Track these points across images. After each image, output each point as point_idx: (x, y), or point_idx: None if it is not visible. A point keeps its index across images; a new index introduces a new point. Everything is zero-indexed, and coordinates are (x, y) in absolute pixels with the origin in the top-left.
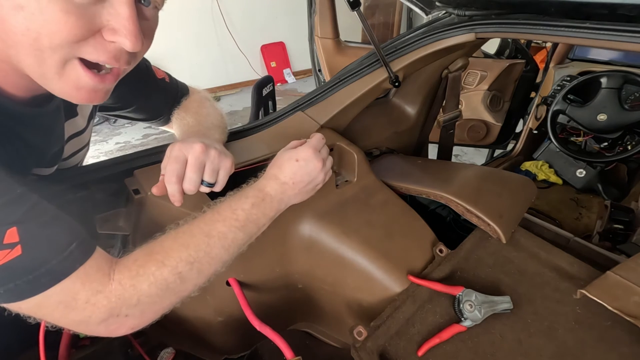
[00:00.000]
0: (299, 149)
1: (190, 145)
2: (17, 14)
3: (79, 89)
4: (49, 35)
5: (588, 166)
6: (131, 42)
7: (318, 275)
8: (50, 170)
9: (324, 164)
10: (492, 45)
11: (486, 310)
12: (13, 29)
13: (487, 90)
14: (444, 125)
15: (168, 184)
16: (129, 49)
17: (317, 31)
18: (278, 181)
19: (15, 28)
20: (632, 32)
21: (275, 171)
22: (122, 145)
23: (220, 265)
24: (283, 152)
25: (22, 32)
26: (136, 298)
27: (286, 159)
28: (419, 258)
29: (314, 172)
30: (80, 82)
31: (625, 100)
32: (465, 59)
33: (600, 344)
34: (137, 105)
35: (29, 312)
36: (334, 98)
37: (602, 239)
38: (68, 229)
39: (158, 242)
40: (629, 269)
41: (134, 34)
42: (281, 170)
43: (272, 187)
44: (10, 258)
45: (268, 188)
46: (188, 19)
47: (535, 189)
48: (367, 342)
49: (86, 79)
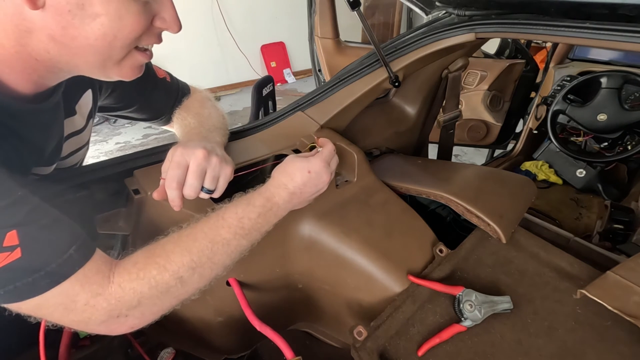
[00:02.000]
0: (312, 160)
1: (192, 150)
2: (93, 22)
3: (133, 68)
4: (124, 36)
5: (588, 166)
6: (177, 26)
7: (318, 275)
8: (49, 169)
9: (331, 176)
10: (492, 45)
11: (486, 310)
12: (85, 35)
13: (487, 90)
14: (444, 125)
15: (168, 189)
16: (176, 32)
17: (317, 31)
18: (287, 191)
19: (89, 34)
20: (632, 32)
21: (286, 180)
22: (122, 145)
23: (222, 270)
24: (294, 160)
25: (96, 38)
26: (136, 300)
27: (298, 168)
28: (419, 258)
29: (321, 184)
30: (136, 63)
31: (625, 100)
32: (465, 59)
33: (600, 344)
34: (138, 105)
35: (28, 312)
36: (334, 98)
37: (602, 239)
38: (68, 231)
39: (160, 244)
40: (629, 269)
41: (178, 19)
42: (292, 180)
43: (281, 197)
44: (10, 260)
45: (277, 198)
46: (188, 19)
47: (535, 189)
48: (367, 342)
49: (142, 59)
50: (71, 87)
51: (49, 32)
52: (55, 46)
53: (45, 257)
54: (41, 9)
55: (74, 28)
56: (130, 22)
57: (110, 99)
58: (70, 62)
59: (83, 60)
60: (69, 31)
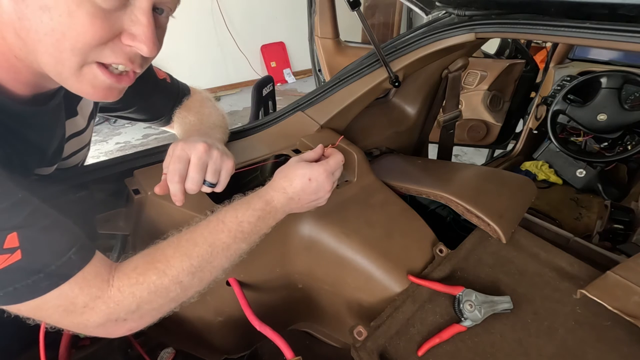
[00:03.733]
0: (314, 167)
1: (193, 144)
2: (43, 14)
3: (95, 87)
4: (73, 37)
5: (588, 166)
6: (149, 48)
7: (318, 275)
8: (50, 170)
9: (332, 187)
10: (492, 45)
11: (486, 310)
12: (36, 28)
13: (487, 90)
14: (444, 125)
15: (170, 183)
16: (146, 54)
17: (317, 31)
18: (286, 195)
19: (39, 27)
20: (632, 32)
21: (285, 184)
22: (122, 145)
23: (221, 273)
24: (296, 164)
25: (45, 32)
26: (135, 305)
27: (299, 174)
28: (419, 258)
29: (321, 193)
30: (96, 81)
31: (625, 100)
32: (465, 59)
33: (600, 344)
34: (138, 106)
35: (27, 314)
36: (334, 98)
37: (602, 239)
38: (68, 234)
39: (160, 249)
40: (629, 269)
41: (152, 41)
42: (291, 185)
43: (279, 201)
44: (10, 262)
45: (275, 202)
46: (188, 19)
47: (535, 189)
48: (367, 342)
49: (103, 77)
50: None
51: (12, 23)
52: (18, 41)
53: (45, 259)
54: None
55: (27, 20)
56: (81, 23)
57: None
58: (34, 62)
59: (40, 59)
60: (24, 23)
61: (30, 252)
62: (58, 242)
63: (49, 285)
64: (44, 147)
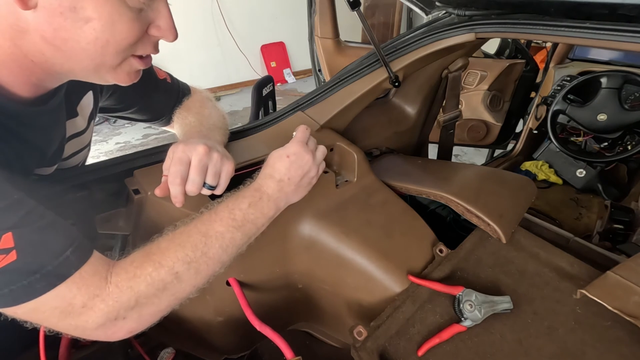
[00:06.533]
0: (287, 145)
1: (193, 147)
2: (85, 25)
3: (129, 74)
4: (117, 42)
5: (588, 166)
6: (173, 35)
7: (318, 275)
8: (50, 170)
9: (313, 155)
10: (492, 45)
11: (486, 310)
12: (76, 38)
13: (487, 90)
14: (444, 125)
15: (171, 185)
16: (171, 41)
17: (317, 31)
18: (274, 179)
19: (80, 37)
20: (632, 32)
21: (269, 170)
22: (122, 145)
23: (219, 266)
24: (273, 152)
25: (88, 42)
26: (134, 300)
27: (277, 157)
28: (419, 258)
29: (306, 166)
30: (132, 69)
31: (625, 100)
32: (465, 59)
33: (600, 344)
34: (138, 107)
35: (24, 317)
36: (334, 98)
37: (602, 239)
38: (64, 234)
39: (155, 243)
40: (629, 269)
41: (174, 28)
42: (274, 169)
43: (269, 186)
44: (5, 263)
45: (265, 187)
46: (188, 20)
47: (535, 189)
48: (367, 342)
49: (137, 65)
50: (73, 88)
51: (42, 33)
52: (48, 48)
53: (42, 260)
54: (33, 9)
55: (65, 31)
56: (124, 29)
57: (111, 100)
58: (64, 65)
59: (76, 63)
60: (61, 33)
61: (26, 253)
62: (54, 242)
63: (46, 286)
64: (44, 147)
